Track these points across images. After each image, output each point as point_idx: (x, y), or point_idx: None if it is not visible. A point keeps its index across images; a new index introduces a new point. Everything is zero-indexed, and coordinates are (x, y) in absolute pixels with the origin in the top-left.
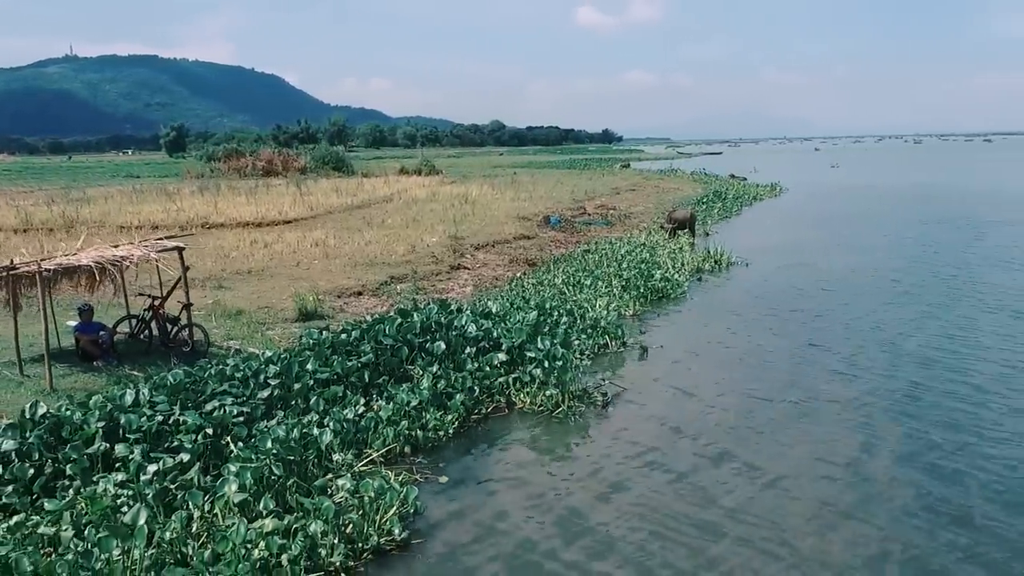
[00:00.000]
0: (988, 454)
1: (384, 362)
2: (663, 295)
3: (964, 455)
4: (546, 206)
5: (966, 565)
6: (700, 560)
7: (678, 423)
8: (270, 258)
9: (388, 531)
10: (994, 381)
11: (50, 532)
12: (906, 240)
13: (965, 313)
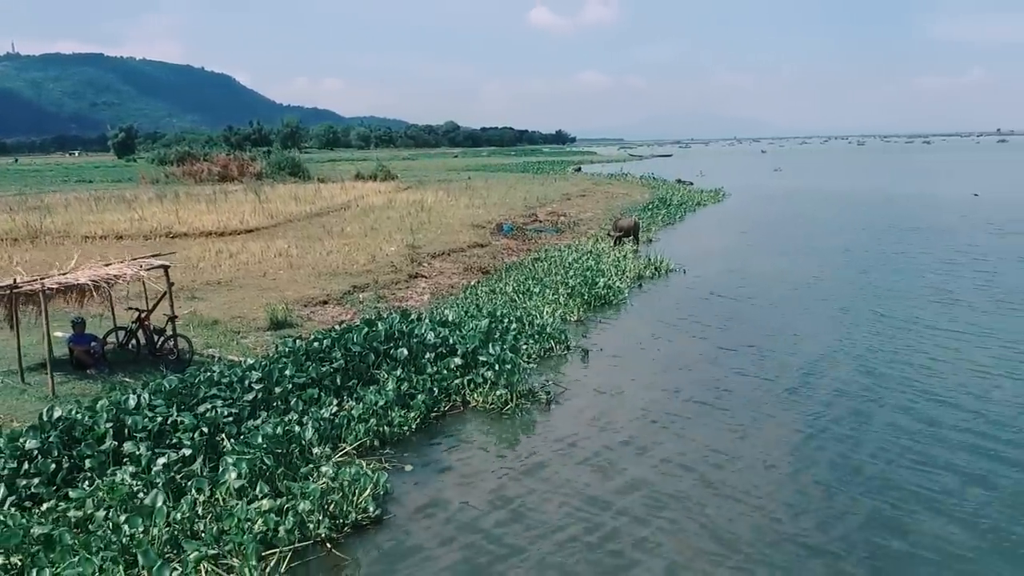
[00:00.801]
0: (863, 439)
1: (353, 367)
2: (605, 301)
3: (839, 440)
4: (499, 213)
5: (827, 531)
6: (590, 525)
7: (608, 418)
8: (237, 269)
9: (364, 508)
10: (874, 374)
11: (79, 515)
12: (831, 247)
13: (870, 316)
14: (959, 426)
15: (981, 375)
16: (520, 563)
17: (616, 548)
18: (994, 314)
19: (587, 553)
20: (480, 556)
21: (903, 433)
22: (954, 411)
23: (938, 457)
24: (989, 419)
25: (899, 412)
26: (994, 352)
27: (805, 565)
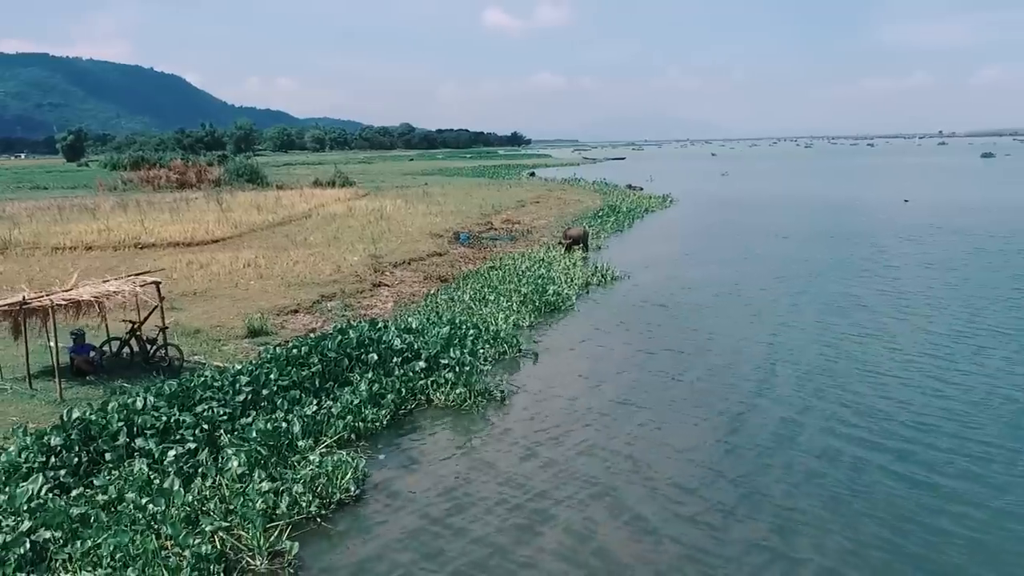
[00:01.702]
0: (760, 426)
1: (329, 371)
2: (555, 308)
3: (740, 431)
4: (456, 221)
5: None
6: (524, 502)
7: (552, 413)
8: (209, 279)
9: (346, 489)
10: (780, 374)
11: (105, 498)
12: (760, 254)
13: (780, 321)
14: (837, 415)
15: (865, 370)
16: (472, 528)
17: (542, 517)
18: (891, 317)
19: (518, 519)
20: (440, 526)
21: (798, 426)
22: (837, 403)
23: (818, 439)
24: (864, 408)
25: (799, 410)
26: (880, 351)
27: (691, 532)
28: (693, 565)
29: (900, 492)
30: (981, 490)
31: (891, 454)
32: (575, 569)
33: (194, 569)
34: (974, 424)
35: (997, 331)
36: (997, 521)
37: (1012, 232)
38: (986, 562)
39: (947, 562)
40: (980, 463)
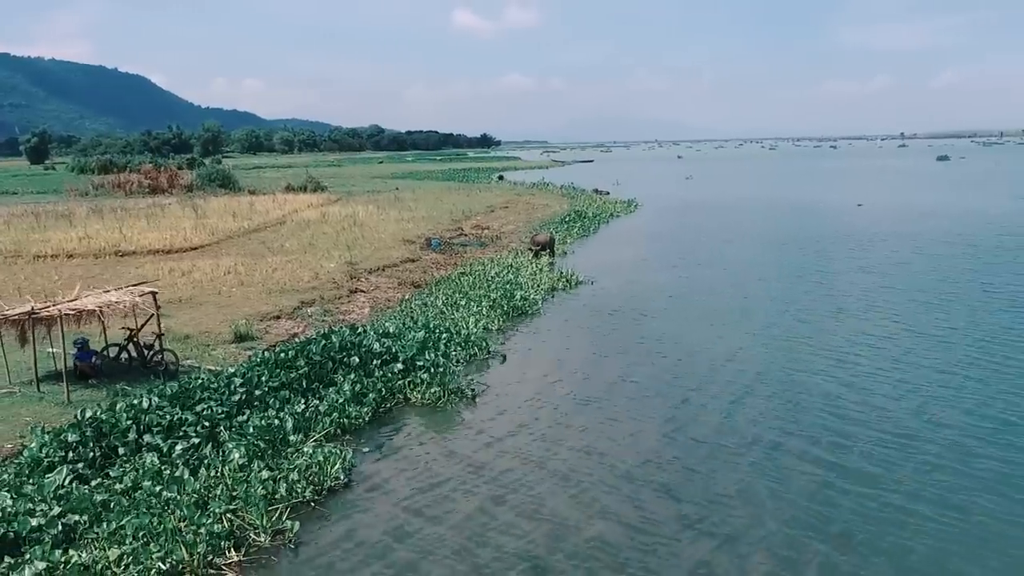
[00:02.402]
0: (700, 417)
1: (315, 373)
2: (522, 312)
3: (687, 424)
4: (428, 227)
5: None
6: (485, 488)
7: (518, 410)
8: (192, 287)
9: (335, 476)
10: (722, 371)
11: (122, 487)
12: (715, 259)
13: (730, 324)
14: (767, 408)
15: (797, 369)
16: (445, 509)
17: (505, 498)
18: (828, 320)
19: (484, 501)
20: (418, 508)
21: (733, 418)
22: (765, 396)
23: (747, 428)
24: (789, 401)
25: (736, 404)
26: (811, 350)
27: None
28: (636, 535)
29: (811, 472)
30: (880, 471)
31: (807, 439)
32: (528, 540)
33: (208, 545)
34: (886, 416)
35: (916, 331)
36: (897, 498)
37: (951, 237)
38: (889, 532)
39: (854, 530)
40: (889, 448)
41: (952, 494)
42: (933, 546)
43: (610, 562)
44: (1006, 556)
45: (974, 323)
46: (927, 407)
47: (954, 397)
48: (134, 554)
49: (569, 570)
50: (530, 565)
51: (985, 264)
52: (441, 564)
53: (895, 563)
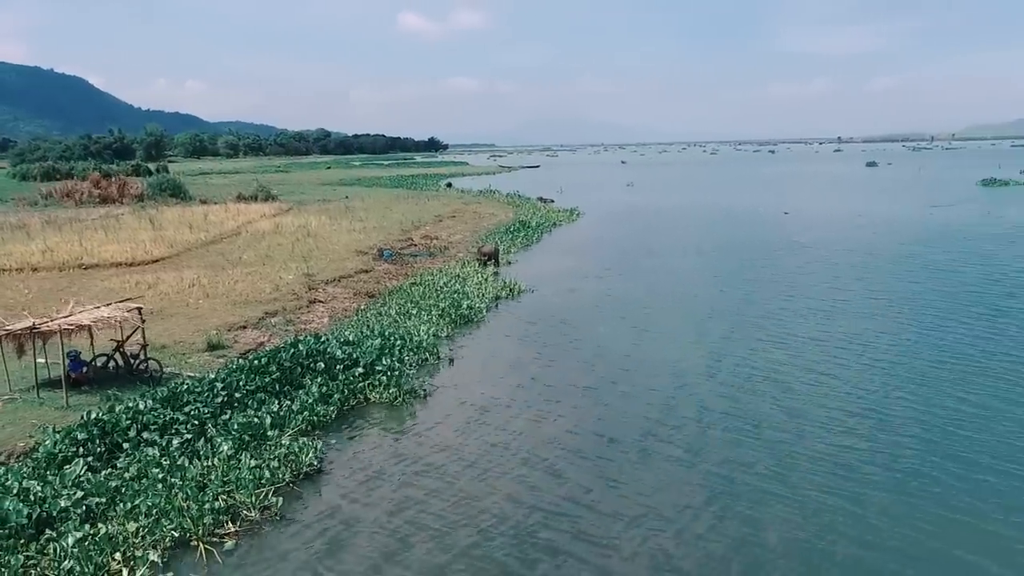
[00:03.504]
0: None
1: (286, 377)
2: (468, 320)
3: (612, 419)
4: (379, 238)
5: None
6: (435, 471)
7: (464, 406)
8: (160, 299)
9: (310, 464)
10: (640, 370)
11: (131, 474)
12: (646, 267)
13: (649, 327)
14: (675, 401)
15: (701, 366)
16: (402, 489)
17: (452, 479)
18: (736, 324)
19: (433, 481)
20: (378, 488)
21: (653, 410)
22: (676, 388)
23: (667, 417)
24: (694, 393)
25: (655, 398)
26: (706, 353)
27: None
28: (558, 512)
29: (714, 453)
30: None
31: (706, 425)
32: (464, 510)
33: (210, 518)
34: (749, 407)
35: (797, 335)
36: (795, 477)
37: (857, 245)
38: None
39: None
40: (777, 436)
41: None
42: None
43: (525, 534)
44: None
45: (855, 329)
46: (792, 395)
47: (816, 393)
48: (149, 527)
49: (495, 526)
50: (471, 528)
51: (879, 273)
52: (397, 530)
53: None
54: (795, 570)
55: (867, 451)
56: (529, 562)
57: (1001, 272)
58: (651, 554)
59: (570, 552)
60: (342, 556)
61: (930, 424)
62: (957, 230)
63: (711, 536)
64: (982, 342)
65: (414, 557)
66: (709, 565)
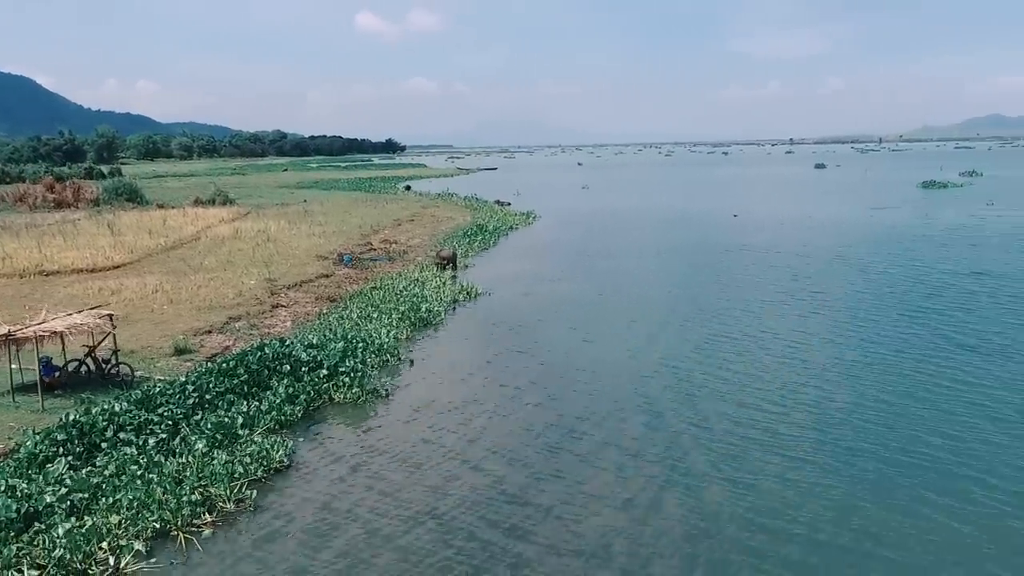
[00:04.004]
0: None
1: (254, 379)
2: (427, 323)
3: (555, 414)
4: (339, 242)
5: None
6: (399, 464)
7: (424, 404)
8: (125, 305)
9: (280, 460)
10: (590, 369)
11: (110, 472)
12: (599, 270)
13: (596, 329)
14: (621, 395)
15: (637, 366)
16: (366, 483)
17: (414, 471)
18: (681, 325)
19: (396, 473)
20: (344, 481)
21: (600, 404)
22: (617, 383)
23: (611, 410)
24: (625, 388)
25: (601, 394)
26: (674, 359)
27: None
28: (513, 500)
29: (660, 447)
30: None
31: (655, 418)
32: (430, 499)
33: (188, 510)
34: (664, 399)
35: (732, 335)
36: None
37: (798, 248)
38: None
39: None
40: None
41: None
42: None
43: (482, 519)
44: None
45: (790, 327)
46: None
47: (752, 387)
48: (131, 519)
49: (457, 517)
50: (433, 516)
51: (816, 274)
52: (363, 519)
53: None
54: (726, 557)
55: (801, 438)
56: (485, 543)
57: (925, 274)
58: (597, 538)
59: (524, 532)
60: (313, 543)
61: (843, 411)
62: (893, 232)
63: (657, 527)
64: (899, 341)
65: (380, 543)
66: (652, 556)
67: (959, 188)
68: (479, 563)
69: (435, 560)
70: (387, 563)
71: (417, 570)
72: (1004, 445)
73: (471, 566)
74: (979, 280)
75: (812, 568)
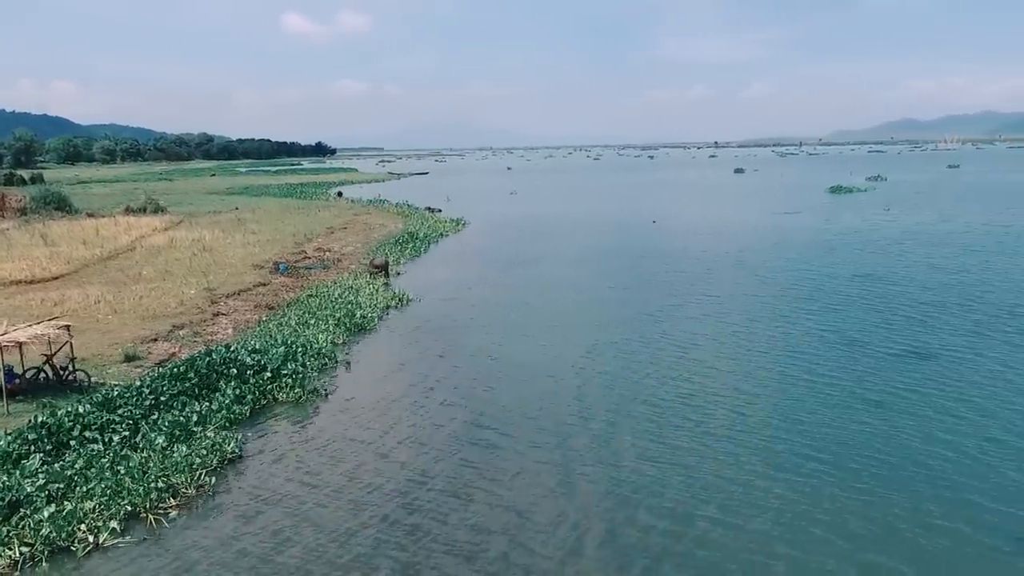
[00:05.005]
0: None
1: (203, 382)
2: (361, 328)
3: (490, 406)
4: (274, 251)
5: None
6: (334, 452)
7: (358, 402)
8: (70, 316)
9: (232, 451)
10: (501, 369)
11: (80, 465)
12: (530, 276)
13: (529, 331)
14: (542, 389)
15: (574, 368)
16: (306, 467)
17: (347, 457)
18: (581, 329)
19: (331, 460)
20: (291, 469)
21: (512, 400)
22: (535, 379)
23: (530, 404)
24: (542, 386)
25: (516, 390)
26: (554, 352)
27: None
28: (442, 486)
29: (579, 440)
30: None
31: (570, 414)
32: (364, 485)
33: (155, 495)
34: (572, 395)
35: (635, 337)
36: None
37: (700, 254)
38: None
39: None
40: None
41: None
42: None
43: (411, 501)
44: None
45: (685, 331)
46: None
47: (649, 382)
48: (105, 504)
49: (386, 496)
50: (366, 499)
51: (716, 278)
52: (307, 501)
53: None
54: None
55: (681, 427)
56: (412, 527)
57: (810, 278)
58: (487, 511)
59: (424, 508)
60: (262, 521)
61: (722, 400)
62: (792, 237)
63: (544, 505)
64: (778, 338)
65: (321, 521)
66: (540, 531)
67: (863, 193)
68: (381, 534)
69: (345, 532)
70: (308, 534)
71: (331, 539)
72: (862, 422)
73: (375, 538)
74: (856, 283)
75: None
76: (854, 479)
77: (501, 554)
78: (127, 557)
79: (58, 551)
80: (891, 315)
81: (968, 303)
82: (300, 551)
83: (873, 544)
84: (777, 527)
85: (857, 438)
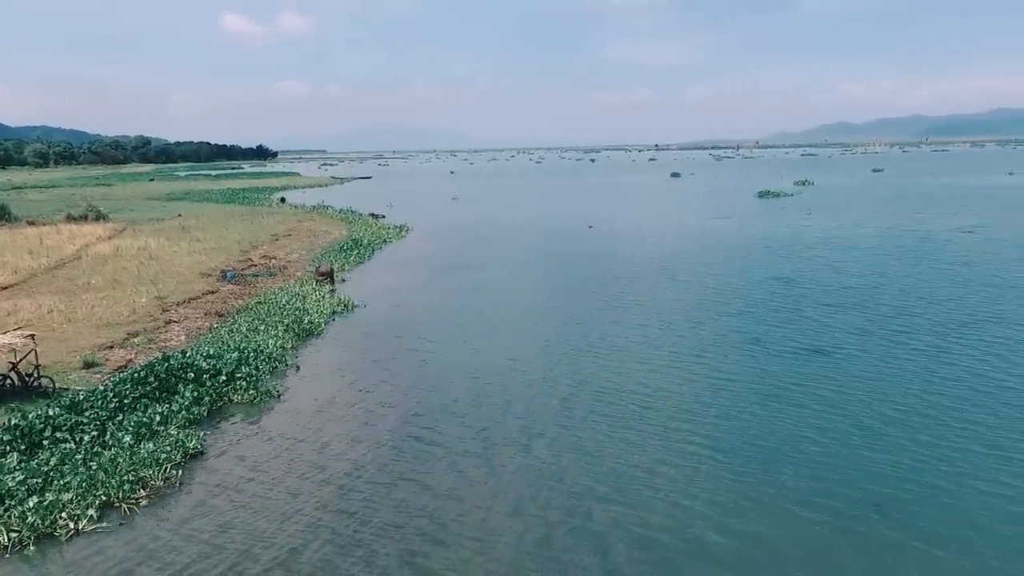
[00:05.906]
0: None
1: (163, 385)
2: (310, 333)
3: (422, 410)
4: (220, 259)
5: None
6: (288, 446)
7: (307, 402)
8: (24, 324)
9: (195, 447)
10: (440, 370)
11: (54, 462)
12: (471, 281)
13: (470, 335)
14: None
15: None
16: (261, 460)
17: (302, 451)
18: (519, 334)
19: (288, 453)
20: (248, 462)
21: (454, 400)
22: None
23: (486, 404)
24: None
25: (455, 390)
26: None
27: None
28: (386, 479)
29: (519, 442)
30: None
31: (512, 415)
32: (314, 477)
33: (126, 487)
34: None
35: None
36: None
37: (634, 259)
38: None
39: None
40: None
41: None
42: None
43: (358, 492)
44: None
45: (612, 333)
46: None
47: (581, 379)
48: (81, 495)
49: (336, 488)
50: (317, 489)
51: (641, 284)
52: (263, 489)
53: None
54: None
55: (601, 421)
56: (342, 510)
57: (725, 282)
58: (414, 499)
59: (375, 499)
60: (223, 507)
61: (640, 396)
62: (717, 243)
63: (477, 493)
64: (695, 340)
65: (275, 508)
66: (478, 520)
67: (789, 197)
68: (314, 517)
69: (290, 521)
70: (256, 520)
71: (278, 526)
72: (773, 416)
73: (315, 524)
74: (767, 286)
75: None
76: (732, 459)
77: (420, 530)
78: (105, 541)
79: (43, 536)
80: (794, 316)
81: (862, 304)
82: (241, 535)
83: (737, 513)
84: (657, 501)
85: (745, 426)
